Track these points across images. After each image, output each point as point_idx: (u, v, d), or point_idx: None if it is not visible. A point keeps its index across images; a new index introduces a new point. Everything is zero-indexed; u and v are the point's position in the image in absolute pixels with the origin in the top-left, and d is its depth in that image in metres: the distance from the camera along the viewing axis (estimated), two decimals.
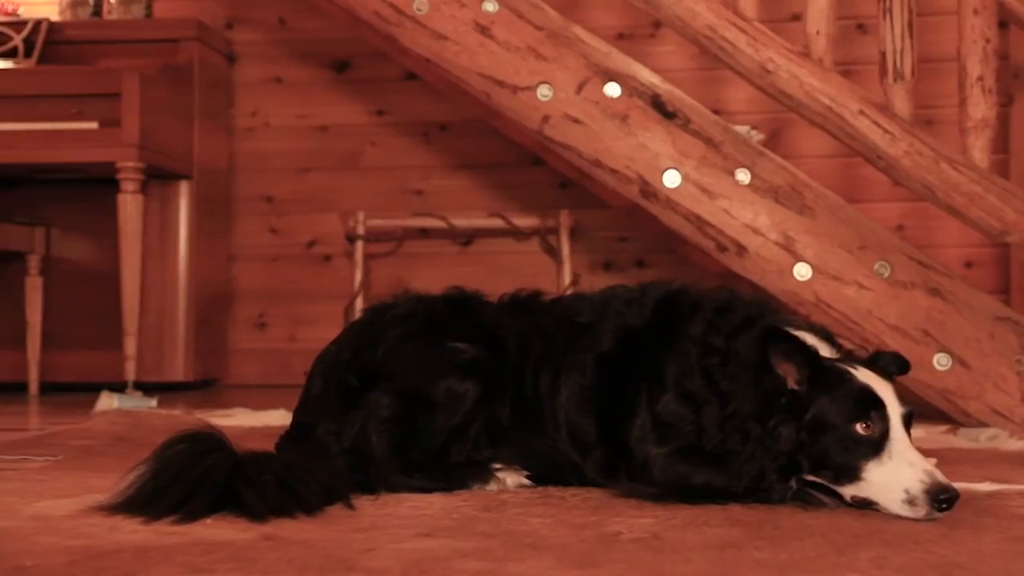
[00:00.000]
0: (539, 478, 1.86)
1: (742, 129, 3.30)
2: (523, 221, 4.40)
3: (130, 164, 3.84)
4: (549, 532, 1.48)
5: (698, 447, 1.73)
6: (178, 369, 4.31)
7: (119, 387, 3.84)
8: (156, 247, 4.28)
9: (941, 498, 1.53)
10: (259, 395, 4.18)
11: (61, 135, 3.89)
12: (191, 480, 1.58)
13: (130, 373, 3.90)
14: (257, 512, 1.54)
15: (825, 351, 1.73)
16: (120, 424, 2.95)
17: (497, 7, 3.08)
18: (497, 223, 4.43)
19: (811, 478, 1.65)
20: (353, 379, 1.81)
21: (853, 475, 1.61)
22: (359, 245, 4.39)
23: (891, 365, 1.76)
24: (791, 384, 1.65)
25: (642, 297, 1.88)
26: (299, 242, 4.80)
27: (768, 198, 2.97)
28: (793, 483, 1.65)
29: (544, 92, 3.04)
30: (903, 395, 1.68)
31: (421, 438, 1.79)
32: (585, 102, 3.03)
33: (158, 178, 4.26)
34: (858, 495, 1.62)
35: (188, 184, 4.36)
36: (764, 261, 2.97)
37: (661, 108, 3.02)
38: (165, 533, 1.46)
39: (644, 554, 1.35)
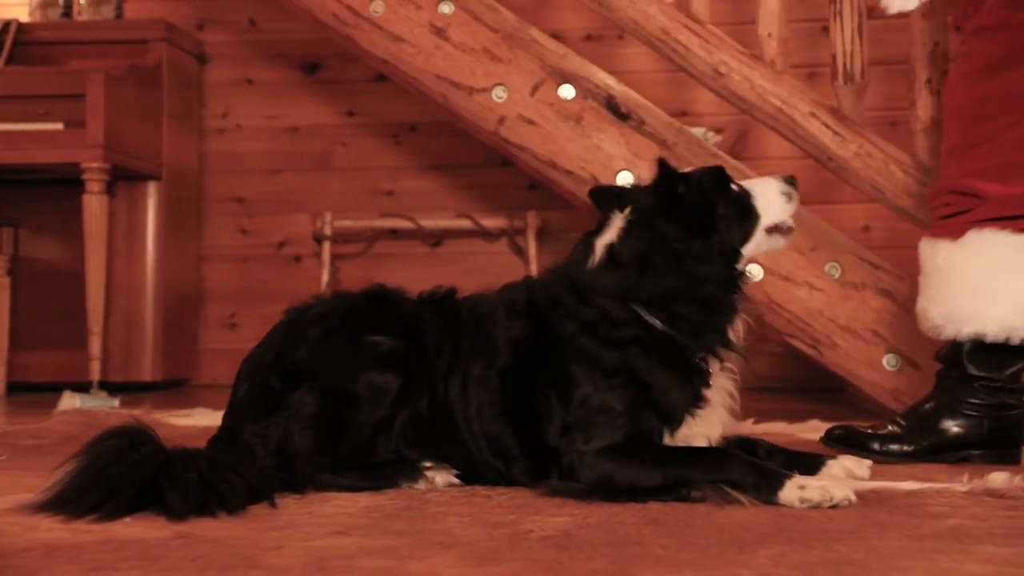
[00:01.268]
0: (468, 477, 1.88)
1: (698, 131, 3.32)
2: (491, 222, 4.42)
3: (95, 165, 3.86)
4: (462, 530, 1.50)
5: (625, 442, 1.76)
6: (146, 369, 4.32)
7: (87, 387, 3.85)
8: (124, 247, 4.29)
9: (790, 179, 1.89)
10: (227, 395, 4.18)
11: (27, 136, 3.90)
12: (115, 477, 1.60)
13: (95, 373, 3.91)
14: (177, 510, 1.55)
15: None
16: (75, 424, 2.96)
17: (453, 9, 3.11)
18: (466, 224, 4.46)
19: None
20: (275, 381, 1.83)
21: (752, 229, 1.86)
22: (326, 246, 4.40)
23: None
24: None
25: (516, 303, 1.89)
26: (270, 243, 4.82)
27: None
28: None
29: (499, 94, 3.07)
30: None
31: (347, 434, 1.80)
32: (540, 104, 3.05)
33: (126, 179, 4.27)
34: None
35: (157, 185, 4.37)
36: None
37: (615, 110, 3.05)
38: (81, 531, 1.48)
39: (547, 552, 1.37)
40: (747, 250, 1.87)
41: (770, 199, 1.88)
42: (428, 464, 1.86)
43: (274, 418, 1.81)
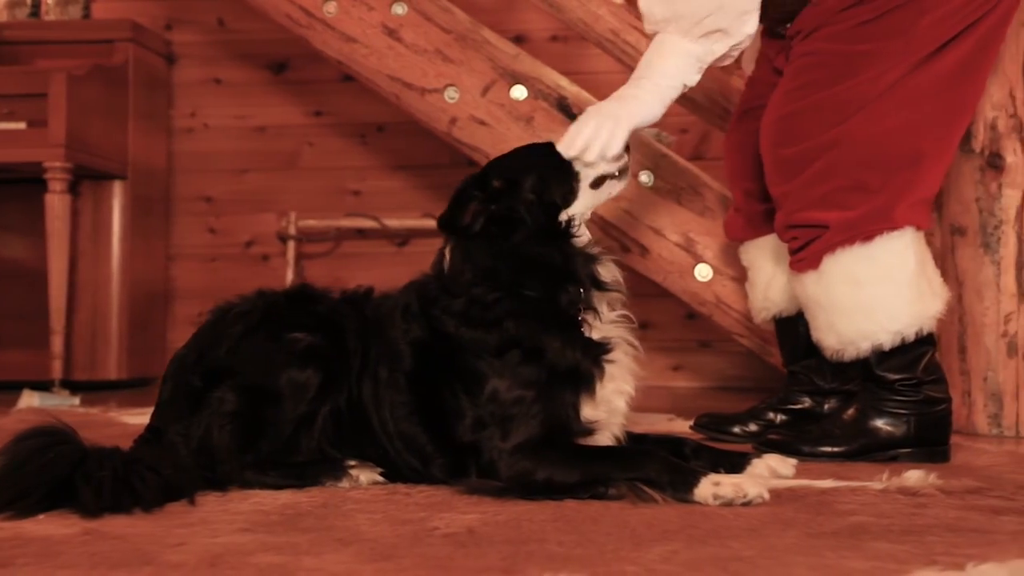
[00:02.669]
0: (391, 475, 1.89)
1: (651, 132, 3.34)
2: None
3: (57, 164, 3.87)
4: (369, 528, 1.52)
5: (543, 437, 1.78)
6: (111, 367, 4.33)
7: (50, 385, 3.87)
8: (89, 246, 4.30)
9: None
10: None
11: None
12: (29, 475, 1.61)
13: (56, 371, 3.92)
14: (90, 508, 1.57)
15: None
16: (28, 423, 2.94)
17: (406, 10, 3.12)
18: (430, 224, 4.47)
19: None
20: (197, 380, 1.85)
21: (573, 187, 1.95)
22: (291, 245, 4.42)
23: None
24: None
25: (410, 305, 1.92)
26: (237, 242, 4.83)
27: (670, 200, 3.01)
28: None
29: (451, 94, 3.08)
30: None
31: (268, 431, 1.82)
32: (491, 104, 3.07)
33: (91, 178, 4.28)
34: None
35: (123, 184, 4.37)
36: (666, 262, 3.01)
37: (566, 110, 3.06)
38: None
39: (444, 549, 1.38)
40: (577, 206, 1.95)
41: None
42: (352, 462, 1.87)
43: (196, 417, 1.83)
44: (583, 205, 1.97)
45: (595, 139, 1.97)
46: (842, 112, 2.17)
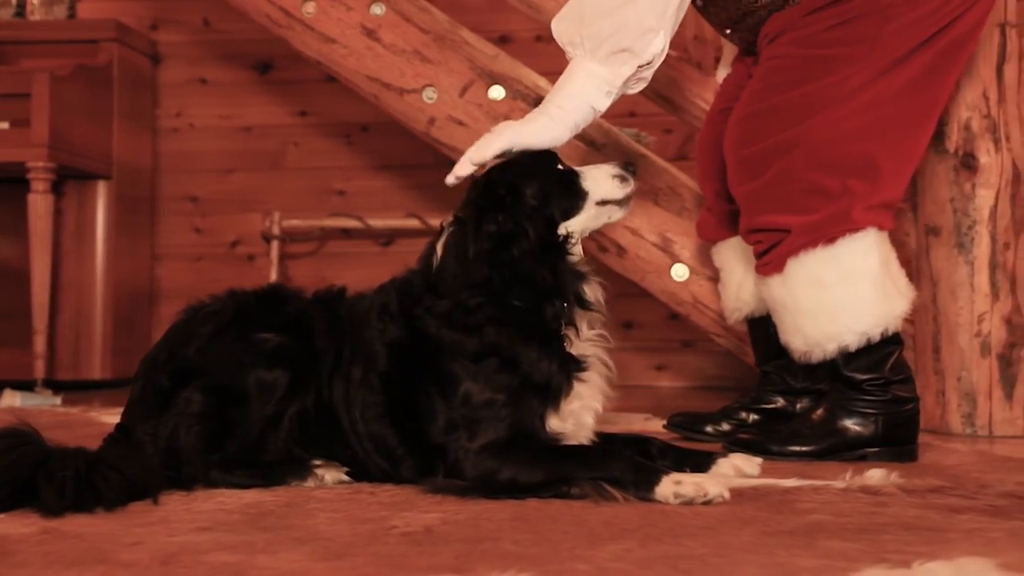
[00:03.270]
0: (358, 475, 1.90)
1: (630, 132, 3.35)
2: (440, 221, 4.43)
3: (40, 164, 3.87)
4: (328, 527, 1.52)
5: (509, 438, 1.78)
6: (95, 367, 4.34)
7: (33, 385, 3.87)
8: (73, 246, 4.31)
9: (628, 166, 1.98)
10: None
11: None
12: None
13: (39, 371, 3.93)
14: (52, 507, 1.58)
15: None
16: (4, 423, 2.97)
17: (384, 10, 3.13)
18: (414, 223, 4.48)
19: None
20: (166, 380, 1.85)
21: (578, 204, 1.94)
22: (275, 245, 4.42)
23: None
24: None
25: (388, 305, 1.92)
26: (223, 242, 4.84)
27: (648, 200, 3.02)
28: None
29: (430, 95, 3.09)
30: None
31: (235, 431, 1.82)
32: (469, 104, 3.08)
33: (75, 178, 4.29)
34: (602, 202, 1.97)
35: (107, 184, 4.38)
36: (643, 262, 3.02)
37: None
38: None
39: (399, 547, 1.39)
40: (576, 222, 1.94)
41: (600, 179, 1.97)
42: (318, 462, 1.88)
43: (164, 416, 1.83)
44: (583, 223, 1.96)
45: (475, 149, 1.98)
46: (802, 113, 2.18)
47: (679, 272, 3.00)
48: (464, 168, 2.00)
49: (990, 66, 2.75)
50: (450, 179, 2.05)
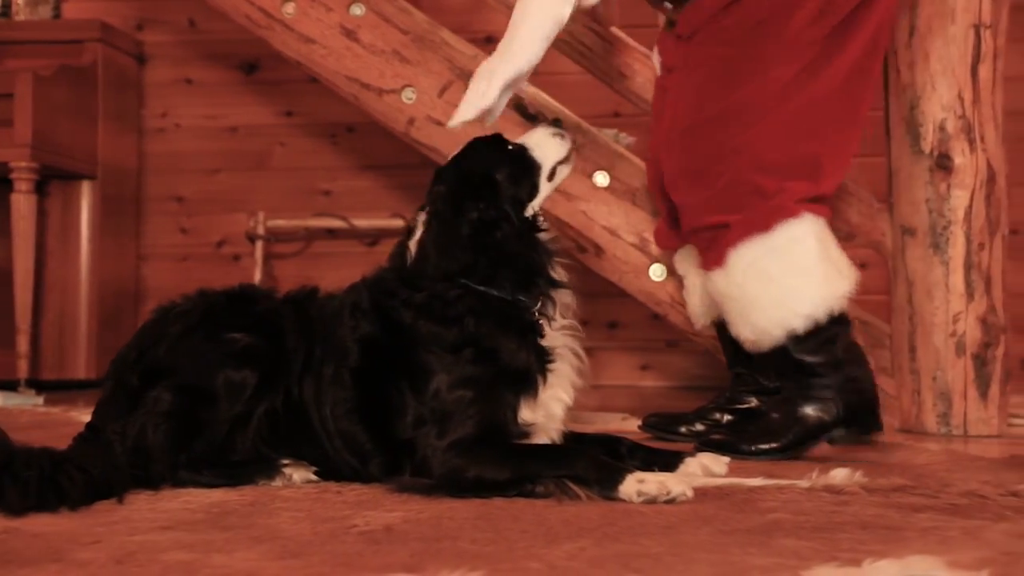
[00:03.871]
0: (327, 474, 1.91)
1: (609, 132, 3.36)
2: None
3: (22, 164, 3.87)
4: (290, 526, 1.53)
5: (476, 436, 1.79)
6: (80, 367, 4.34)
7: (16, 385, 3.87)
8: (57, 246, 4.31)
9: (556, 122, 1.93)
10: None
11: None
12: None
13: (22, 371, 3.93)
14: (14, 507, 1.58)
15: None
16: None
17: (364, 11, 3.14)
18: (399, 223, 4.48)
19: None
20: (135, 379, 1.86)
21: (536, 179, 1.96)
22: (259, 245, 4.43)
23: None
24: None
25: (359, 303, 1.93)
26: (209, 242, 4.84)
27: (626, 200, 3.03)
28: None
29: (409, 95, 3.10)
30: None
31: (203, 430, 1.83)
32: (448, 105, 3.08)
33: (60, 178, 4.29)
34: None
35: (91, 184, 4.38)
36: (621, 262, 3.03)
37: (523, 111, 3.08)
38: None
39: (356, 546, 1.40)
40: (539, 199, 1.97)
41: (545, 145, 2.00)
42: (286, 461, 1.89)
43: (133, 416, 1.84)
44: (542, 198, 1.99)
45: (468, 100, 2.04)
46: (742, 122, 2.25)
47: (657, 272, 3.01)
48: (470, 111, 2.07)
49: (965, 67, 2.76)
50: (455, 122, 2.10)
